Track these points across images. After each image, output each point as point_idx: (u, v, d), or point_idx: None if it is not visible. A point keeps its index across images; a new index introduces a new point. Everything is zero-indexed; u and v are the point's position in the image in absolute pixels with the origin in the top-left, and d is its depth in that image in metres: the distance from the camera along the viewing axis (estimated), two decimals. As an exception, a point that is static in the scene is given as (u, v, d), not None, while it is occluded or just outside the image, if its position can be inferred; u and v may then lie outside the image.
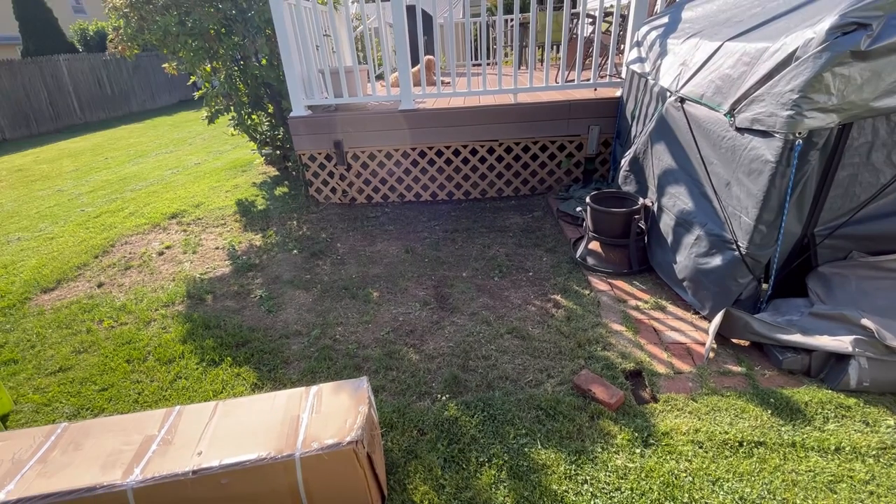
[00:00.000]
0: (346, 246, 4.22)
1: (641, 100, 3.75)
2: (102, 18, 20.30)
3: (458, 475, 1.93)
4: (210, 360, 2.81)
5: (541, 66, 7.57)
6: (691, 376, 2.36)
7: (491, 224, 4.42)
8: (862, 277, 2.41)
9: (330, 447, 1.61)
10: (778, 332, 2.36)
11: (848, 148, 2.25)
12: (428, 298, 3.27)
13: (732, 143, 2.51)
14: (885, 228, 2.39)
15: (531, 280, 3.40)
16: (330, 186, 5.18)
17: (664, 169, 3.21)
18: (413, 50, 7.03)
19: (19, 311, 3.58)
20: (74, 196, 6.58)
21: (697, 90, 2.82)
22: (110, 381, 2.72)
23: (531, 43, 4.55)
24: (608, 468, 1.91)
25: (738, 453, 1.93)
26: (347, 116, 4.80)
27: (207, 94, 5.76)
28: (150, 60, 17.73)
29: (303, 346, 2.88)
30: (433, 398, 2.36)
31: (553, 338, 2.73)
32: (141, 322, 3.29)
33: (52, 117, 14.41)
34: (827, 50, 2.03)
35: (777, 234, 2.40)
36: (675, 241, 3.00)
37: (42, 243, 4.88)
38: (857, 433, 1.97)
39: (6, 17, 17.79)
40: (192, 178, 6.94)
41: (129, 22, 5.19)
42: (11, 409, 2.56)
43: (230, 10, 5.13)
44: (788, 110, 2.15)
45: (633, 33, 4.21)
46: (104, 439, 1.76)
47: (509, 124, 4.69)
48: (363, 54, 7.65)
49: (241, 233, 4.69)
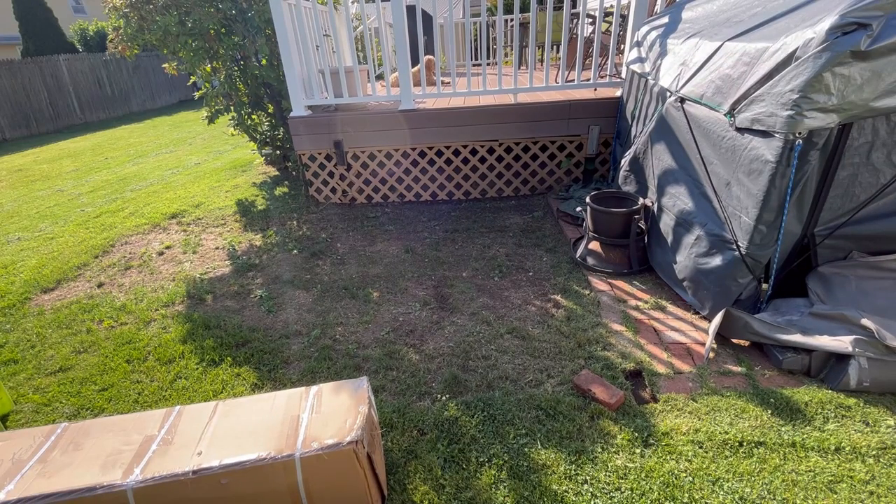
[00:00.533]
0: (346, 246, 4.22)
1: (641, 100, 3.75)
2: (102, 18, 20.30)
3: (458, 475, 1.93)
4: (210, 360, 2.81)
5: (541, 66, 7.57)
6: (691, 376, 2.36)
7: (491, 224, 4.42)
8: (862, 277, 2.41)
9: (330, 447, 1.61)
10: (778, 332, 2.36)
11: (848, 148, 2.25)
12: (428, 298, 3.27)
13: (732, 143, 2.51)
14: (885, 228, 2.39)
15: (531, 280, 3.40)
16: (330, 186, 5.19)
17: (664, 169, 3.21)
18: (413, 50, 7.03)
19: (19, 311, 3.58)
20: (74, 196, 6.58)
21: (697, 90, 2.82)
22: (110, 381, 2.72)
23: (531, 43, 4.55)
24: (608, 468, 1.91)
25: (738, 453, 1.93)
26: (347, 116, 4.80)
27: (207, 94, 5.76)
28: (150, 60, 17.73)
29: (303, 346, 2.88)
30: (433, 398, 2.36)
31: (553, 338, 2.73)
32: (141, 322, 3.29)
33: (52, 117, 14.41)
34: (827, 50, 2.03)
35: (777, 234, 2.40)
36: (675, 241, 3.00)
37: (42, 243, 4.88)
38: (858, 433, 1.97)
39: (6, 17, 17.80)
40: (192, 178, 6.94)
41: (129, 22, 5.19)
42: (11, 409, 2.56)
43: (230, 10, 5.13)
44: (788, 110, 2.15)
45: (633, 33, 4.21)
46: (104, 439, 1.76)
47: (509, 124, 4.69)
48: (363, 54, 7.65)
49: (241, 233, 4.69)
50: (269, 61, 5.36)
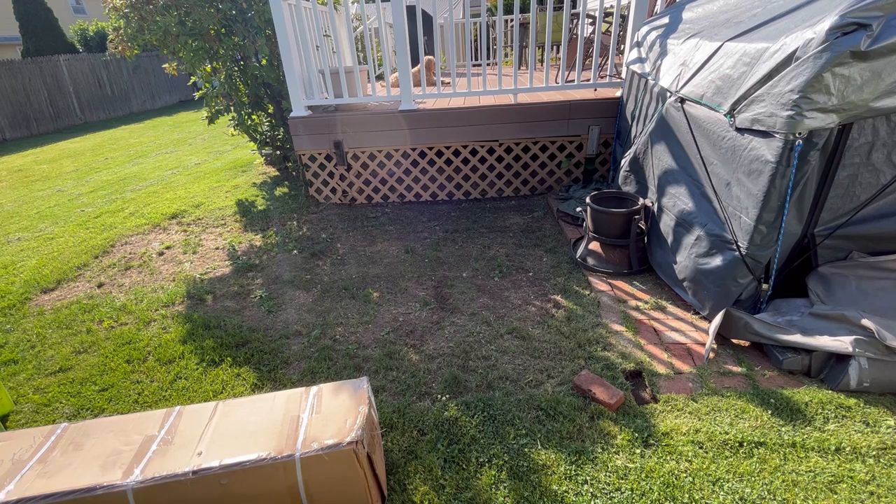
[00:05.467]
0: (346, 246, 4.22)
1: (641, 100, 3.75)
2: (102, 19, 20.33)
3: (458, 475, 1.93)
4: (210, 360, 2.81)
5: (541, 66, 7.57)
6: (691, 376, 2.36)
7: (491, 224, 4.42)
8: (862, 278, 2.41)
9: (330, 447, 1.61)
10: (778, 332, 2.36)
11: (848, 148, 2.25)
12: (428, 298, 3.27)
13: (732, 144, 2.52)
14: (886, 228, 2.39)
15: (531, 280, 3.40)
16: (330, 187, 5.18)
17: (664, 169, 3.21)
18: (413, 50, 7.04)
19: (19, 312, 3.58)
20: (74, 196, 6.58)
21: (697, 90, 2.82)
22: (110, 381, 2.72)
23: (531, 43, 4.55)
24: (608, 468, 1.91)
25: (738, 454, 1.93)
26: (347, 117, 4.80)
27: (207, 94, 5.76)
28: (150, 60, 17.73)
29: (303, 346, 2.88)
30: (433, 398, 2.36)
31: (553, 338, 2.73)
32: (141, 322, 3.29)
33: (52, 117, 14.41)
34: (827, 50, 2.03)
35: (777, 234, 2.40)
36: (675, 241, 3.00)
37: (42, 243, 4.88)
38: (858, 433, 1.97)
39: (6, 17, 17.81)
40: (193, 178, 6.94)
41: (129, 22, 5.19)
42: (11, 410, 2.56)
43: (230, 11, 5.13)
44: (788, 110, 2.15)
45: (633, 33, 4.21)
46: (104, 439, 1.76)
47: (509, 124, 4.69)
48: (363, 54, 7.65)
49: (241, 233, 4.69)
50: (269, 61, 5.36)
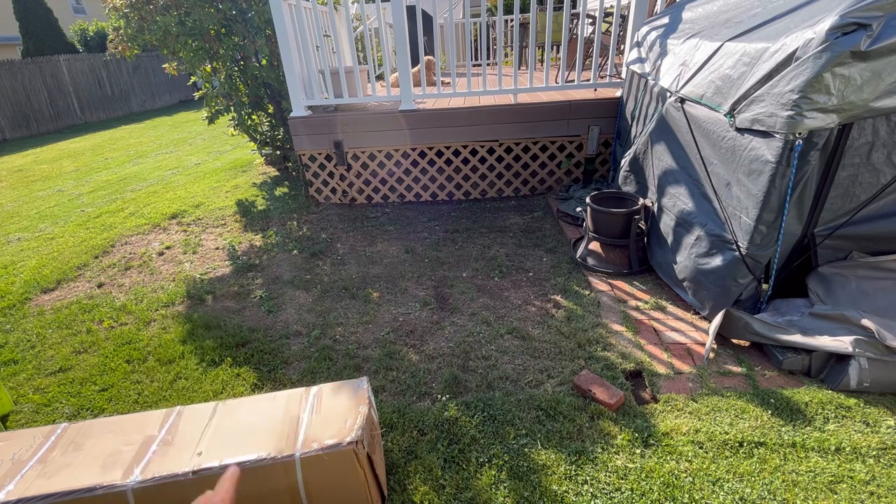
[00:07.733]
0: (346, 246, 4.22)
1: (641, 100, 3.75)
2: (102, 19, 20.33)
3: (458, 475, 1.93)
4: (210, 360, 2.81)
5: (541, 66, 7.57)
6: (691, 377, 2.36)
7: (491, 224, 4.42)
8: (862, 278, 2.41)
9: (330, 447, 1.61)
10: (778, 332, 2.36)
11: (848, 148, 2.25)
12: (428, 298, 3.27)
13: (732, 144, 2.52)
14: (886, 228, 2.39)
15: (531, 280, 3.40)
16: (330, 187, 5.18)
17: (664, 169, 3.21)
18: (413, 50, 7.03)
19: (19, 312, 3.58)
20: (74, 196, 6.58)
21: (697, 90, 2.82)
22: (110, 381, 2.72)
23: (531, 43, 4.55)
24: (608, 468, 1.91)
25: (738, 454, 1.93)
26: (347, 117, 4.80)
27: (207, 94, 5.76)
28: (150, 60, 17.73)
29: (303, 346, 2.88)
30: (433, 398, 2.36)
31: (553, 338, 2.73)
32: (141, 322, 3.29)
33: (52, 117, 14.41)
34: (827, 50, 2.03)
35: (777, 234, 2.40)
36: (675, 241, 3.00)
37: (42, 243, 4.88)
38: (858, 433, 1.97)
39: (6, 17, 17.81)
40: (193, 178, 6.94)
41: (129, 22, 5.19)
42: (11, 410, 2.56)
43: (230, 11, 5.13)
44: (788, 110, 2.15)
45: (633, 33, 4.21)
46: (104, 440, 1.76)
47: (509, 124, 4.69)
48: (363, 54, 7.65)
49: (241, 233, 4.69)
50: (269, 61, 5.36)
